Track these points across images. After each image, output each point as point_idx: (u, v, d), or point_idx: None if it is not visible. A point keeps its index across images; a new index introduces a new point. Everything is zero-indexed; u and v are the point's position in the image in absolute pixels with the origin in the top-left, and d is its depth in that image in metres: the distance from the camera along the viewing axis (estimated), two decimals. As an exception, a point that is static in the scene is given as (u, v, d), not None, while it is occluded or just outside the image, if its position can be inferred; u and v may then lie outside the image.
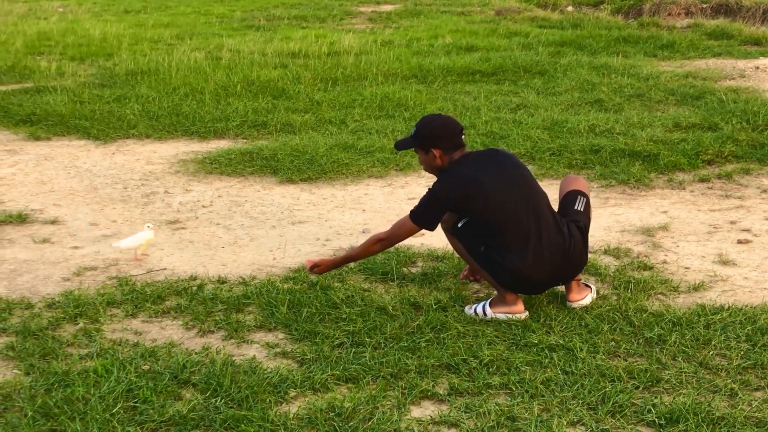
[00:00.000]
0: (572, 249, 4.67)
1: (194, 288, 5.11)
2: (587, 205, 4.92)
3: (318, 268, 4.94)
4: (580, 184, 5.05)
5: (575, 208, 4.88)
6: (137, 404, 3.82)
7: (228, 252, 5.83)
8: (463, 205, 4.65)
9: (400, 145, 4.91)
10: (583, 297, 4.79)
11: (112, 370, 4.07)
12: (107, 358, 4.21)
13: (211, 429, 3.65)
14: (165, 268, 5.51)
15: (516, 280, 4.63)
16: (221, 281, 5.25)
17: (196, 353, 4.30)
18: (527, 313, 4.68)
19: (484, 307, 4.69)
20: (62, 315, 4.75)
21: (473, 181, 4.62)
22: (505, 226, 4.61)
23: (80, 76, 11.98)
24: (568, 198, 4.95)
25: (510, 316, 4.63)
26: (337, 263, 5.01)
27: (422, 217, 4.69)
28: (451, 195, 4.64)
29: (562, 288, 4.87)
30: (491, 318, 4.64)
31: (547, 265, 4.62)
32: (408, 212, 4.78)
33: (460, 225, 4.74)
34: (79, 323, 4.68)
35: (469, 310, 4.73)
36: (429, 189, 4.72)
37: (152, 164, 8.02)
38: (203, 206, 6.80)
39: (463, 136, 4.76)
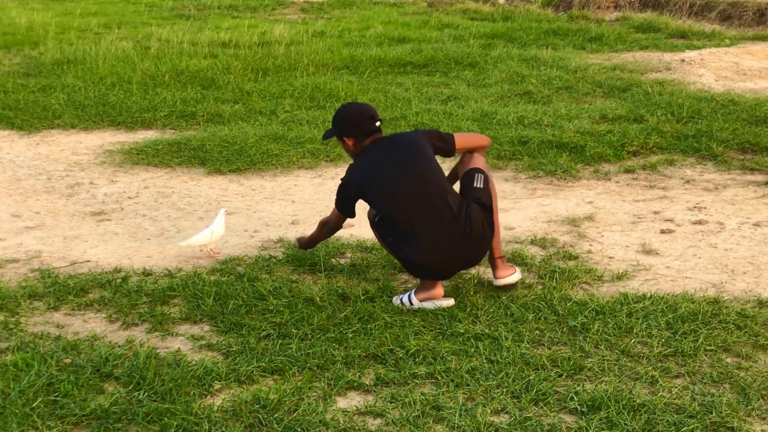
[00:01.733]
0: (471, 232, 4.67)
1: (118, 280, 5.04)
2: (486, 181, 4.90)
3: (299, 243, 5.34)
4: (477, 161, 5.00)
5: (474, 185, 4.87)
6: (58, 398, 3.75)
7: (154, 244, 5.76)
8: (365, 195, 4.78)
9: (325, 136, 5.05)
10: (510, 274, 4.83)
11: (33, 364, 3.99)
12: (28, 352, 4.13)
13: (134, 422, 3.61)
14: (89, 261, 5.42)
15: (418, 268, 4.73)
16: (146, 273, 5.19)
17: (119, 346, 4.24)
18: (453, 300, 4.71)
19: (410, 296, 4.72)
20: (-18, 308, 4.66)
21: (372, 169, 4.73)
22: (399, 217, 4.70)
23: (5, 65, 11.74)
24: (466, 178, 4.94)
25: (436, 303, 4.66)
26: (310, 242, 5.31)
27: (339, 204, 4.90)
28: (354, 185, 4.79)
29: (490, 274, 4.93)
30: (418, 307, 4.66)
31: (446, 251, 4.66)
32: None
33: (376, 219, 4.87)
34: (-1, 317, 4.59)
35: (396, 300, 4.75)
36: (341, 178, 4.89)
37: (77, 155, 7.89)
38: (129, 198, 6.71)
39: (377, 123, 4.82)
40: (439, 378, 3.95)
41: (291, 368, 4.03)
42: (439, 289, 4.72)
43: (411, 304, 4.68)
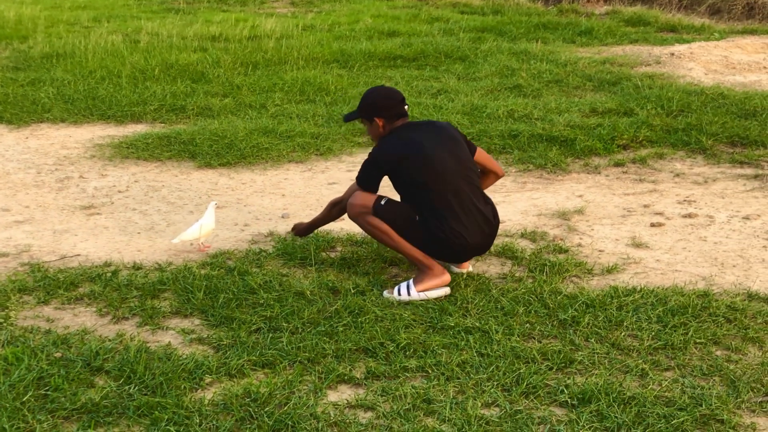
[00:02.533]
0: (493, 219, 4.86)
1: (108, 274, 5.03)
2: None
3: (295, 230, 5.42)
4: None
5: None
6: (49, 392, 3.74)
7: (144, 238, 5.75)
8: (400, 166, 4.74)
9: (347, 118, 5.07)
10: (469, 264, 5.07)
11: (23, 358, 3.98)
12: (18, 346, 4.12)
13: (125, 416, 3.60)
14: (79, 255, 5.41)
15: (449, 245, 4.72)
16: (136, 267, 5.18)
17: (109, 340, 4.24)
18: (449, 289, 4.79)
19: (408, 288, 4.71)
20: (-29, 303, 4.64)
21: (410, 143, 4.76)
22: (437, 191, 4.70)
23: (-7, 58, 11.69)
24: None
25: (439, 291, 4.70)
26: (310, 227, 5.39)
27: (362, 180, 4.86)
28: (389, 157, 4.77)
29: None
30: (420, 299, 4.66)
31: (479, 230, 4.78)
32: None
33: (383, 202, 4.79)
34: (-12, 311, 4.57)
35: (388, 294, 4.74)
36: (369, 153, 4.86)
37: (67, 149, 7.87)
38: (119, 191, 6.70)
39: (405, 107, 4.91)
40: (430, 371, 3.96)
41: (282, 362, 4.03)
42: (448, 275, 4.78)
43: (409, 294, 4.69)
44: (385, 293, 4.76)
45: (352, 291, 4.76)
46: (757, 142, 7.63)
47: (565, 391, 3.77)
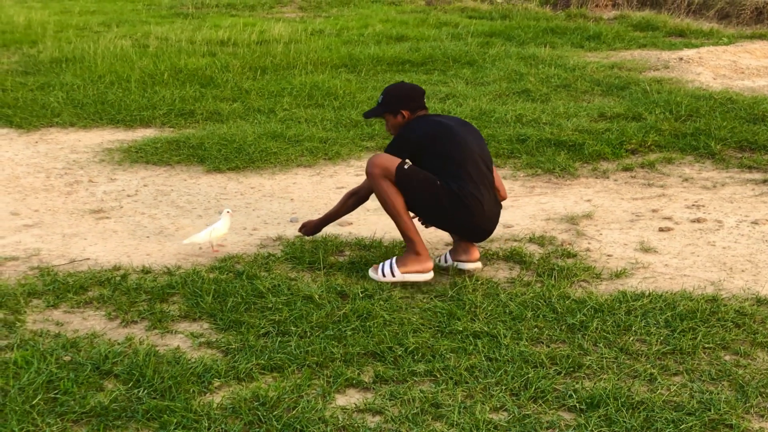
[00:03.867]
0: (499, 206, 5.12)
1: (118, 278, 5.04)
2: None
3: (304, 228, 5.48)
4: None
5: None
6: (58, 395, 3.75)
7: (153, 242, 5.76)
8: (429, 143, 4.93)
9: (369, 114, 5.24)
10: (478, 259, 5.16)
11: (33, 361, 3.99)
12: (27, 349, 4.13)
13: (133, 420, 3.61)
14: (88, 258, 5.42)
15: (467, 204, 4.87)
16: (145, 271, 5.19)
17: (118, 344, 4.25)
18: (432, 274, 4.96)
19: (391, 266, 4.93)
20: (-19, 306, 4.66)
21: (439, 124, 5.00)
22: (463, 162, 4.90)
23: (3, 63, 11.74)
24: None
25: (419, 276, 4.90)
26: (321, 224, 5.46)
27: (394, 148, 4.98)
28: (418, 134, 4.97)
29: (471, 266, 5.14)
30: (400, 280, 4.90)
31: (493, 204, 5.01)
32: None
33: (407, 167, 4.88)
34: (-2, 314, 4.59)
35: (373, 273, 4.96)
36: (395, 136, 5.06)
37: (76, 153, 7.90)
38: (128, 195, 6.72)
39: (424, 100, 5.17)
40: (438, 375, 3.96)
41: (290, 366, 4.03)
42: (431, 262, 4.96)
43: (393, 275, 4.91)
44: (370, 271, 4.99)
45: (361, 295, 4.77)
46: (766, 146, 7.61)
47: (574, 395, 3.77)
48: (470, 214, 4.91)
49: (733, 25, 15.22)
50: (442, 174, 4.89)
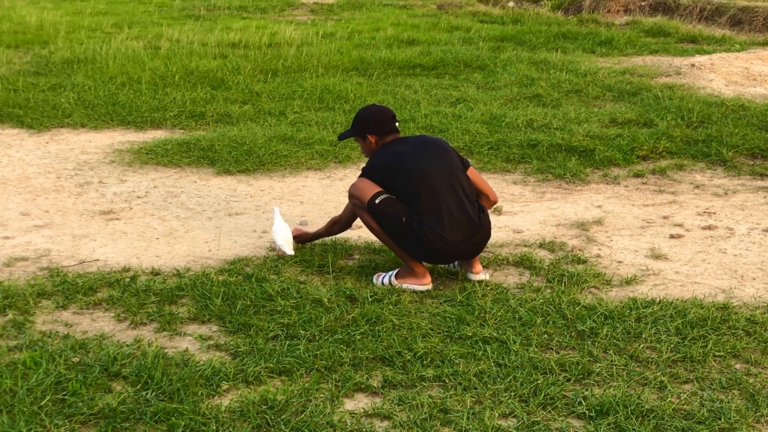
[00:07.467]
0: (480, 225, 5.00)
1: (127, 280, 5.04)
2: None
3: (297, 238, 5.54)
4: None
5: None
6: (66, 397, 3.75)
7: (162, 243, 5.76)
8: (388, 175, 4.96)
9: (342, 136, 5.25)
10: (482, 270, 5.13)
11: (41, 362, 4.00)
12: (36, 350, 4.13)
13: (141, 422, 3.61)
14: (97, 260, 5.42)
15: (431, 247, 4.87)
16: (155, 273, 5.19)
17: (127, 345, 4.24)
18: (431, 285, 4.98)
19: (390, 277, 4.99)
20: (-9, 306, 4.66)
21: (395, 154, 5.00)
22: (424, 195, 4.88)
23: (15, 63, 11.76)
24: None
25: (417, 287, 4.94)
26: (311, 239, 5.57)
27: (366, 175, 5.03)
28: (376, 168, 5.00)
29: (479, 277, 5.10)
30: (399, 286, 4.96)
31: (461, 233, 4.90)
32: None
33: (377, 201, 4.94)
34: (8, 314, 4.58)
35: (376, 279, 5.01)
36: (362, 168, 5.12)
37: (87, 154, 7.91)
38: (138, 197, 6.72)
39: (396, 123, 5.15)
40: (447, 381, 3.95)
41: (299, 369, 4.03)
42: (428, 278, 4.99)
43: (391, 285, 4.96)
44: (374, 278, 5.05)
45: (370, 299, 4.76)
46: (778, 154, 7.58)
47: (583, 402, 3.75)
48: (432, 252, 4.92)
49: (746, 32, 15.18)
50: (410, 207, 4.93)
